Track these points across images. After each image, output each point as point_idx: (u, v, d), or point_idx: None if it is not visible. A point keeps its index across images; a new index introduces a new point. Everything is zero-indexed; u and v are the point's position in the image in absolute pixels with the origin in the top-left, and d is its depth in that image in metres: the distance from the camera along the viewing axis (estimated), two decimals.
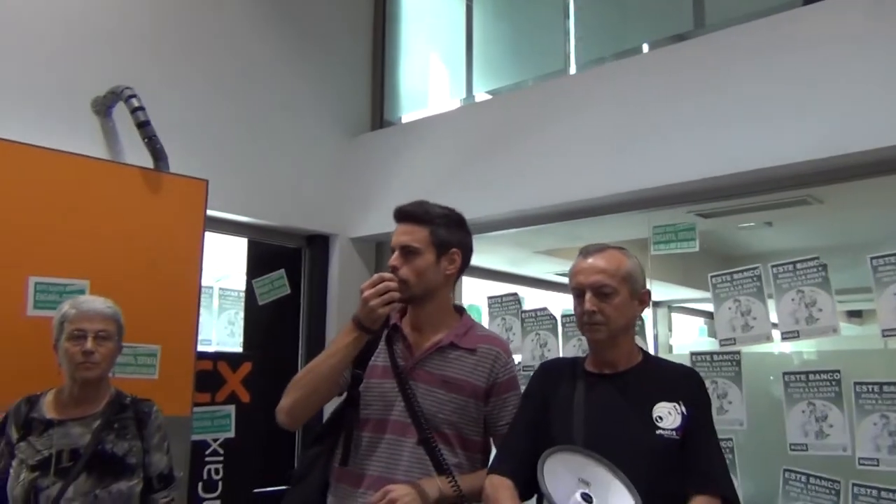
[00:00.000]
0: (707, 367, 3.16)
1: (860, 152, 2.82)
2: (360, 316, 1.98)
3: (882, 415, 2.73)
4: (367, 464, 2.05)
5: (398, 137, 4.54)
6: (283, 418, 2.06)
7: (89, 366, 2.31)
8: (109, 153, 3.52)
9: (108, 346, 2.36)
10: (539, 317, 3.72)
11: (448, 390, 2.06)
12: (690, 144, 3.24)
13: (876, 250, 2.85)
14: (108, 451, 2.31)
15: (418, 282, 2.07)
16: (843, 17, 2.94)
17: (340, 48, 4.76)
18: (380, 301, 1.95)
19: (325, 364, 2.03)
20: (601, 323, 1.91)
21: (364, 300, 1.96)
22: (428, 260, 2.09)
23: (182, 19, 3.92)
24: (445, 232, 2.12)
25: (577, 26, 4.07)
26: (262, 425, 3.72)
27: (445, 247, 2.12)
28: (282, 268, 4.36)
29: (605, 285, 1.92)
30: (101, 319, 2.37)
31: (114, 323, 2.41)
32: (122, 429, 2.36)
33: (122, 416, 2.39)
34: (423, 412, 2.03)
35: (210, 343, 4.28)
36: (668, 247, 3.39)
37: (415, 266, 2.07)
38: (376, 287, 1.97)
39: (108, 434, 2.33)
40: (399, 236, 2.10)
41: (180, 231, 3.38)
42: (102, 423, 2.34)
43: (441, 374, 2.08)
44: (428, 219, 2.11)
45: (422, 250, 2.08)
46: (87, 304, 2.40)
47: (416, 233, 2.09)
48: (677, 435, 1.81)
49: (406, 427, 2.04)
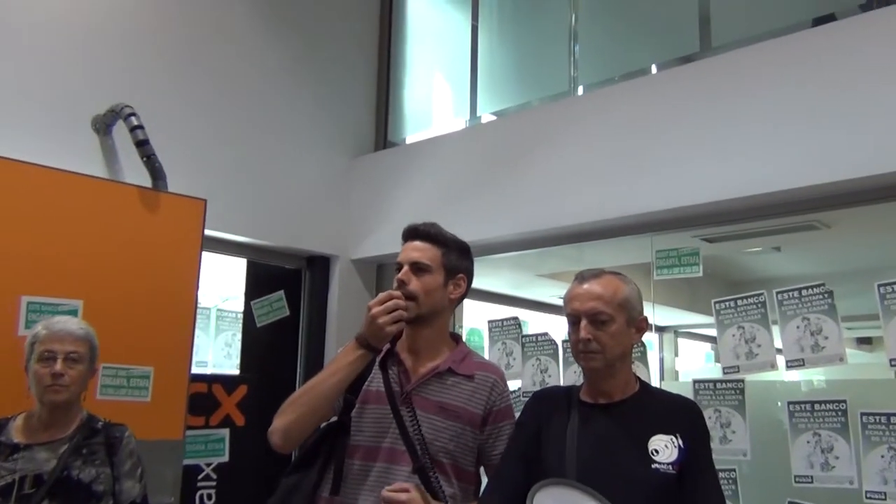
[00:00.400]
0: (710, 396, 3.09)
1: (869, 177, 2.76)
2: (367, 334, 1.93)
3: (890, 447, 2.65)
4: (358, 493, 1.98)
5: (402, 158, 4.51)
6: (277, 440, 1.97)
7: (58, 388, 2.25)
8: (108, 172, 3.50)
9: (78, 368, 2.30)
10: (540, 342, 3.66)
11: (445, 417, 2.01)
12: (696, 167, 3.19)
13: (884, 276, 2.79)
14: (74, 477, 2.23)
15: (426, 300, 2.04)
16: (852, 38, 2.90)
17: (345, 67, 4.75)
18: (389, 318, 1.91)
19: (325, 383, 1.96)
20: (597, 351, 1.85)
21: (372, 317, 1.91)
22: (437, 280, 2.07)
23: (183, 38, 3.91)
24: (456, 257, 2.12)
25: (583, 48, 4.04)
26: (257, 449, 3.65)
27: (454, 271, 2.11)
28: (281, 289, 4.33)
29: (600, 312, 1.86)
30: (73, 341, 2.31)
31: (86, 344, 2.34)
32: (90, 454, 2.29)
33: (92, 441, 2.32)
34: (419, 439, 1.97)
35: (206, 365, 4.24)
36: (670, 272, 3.33)
37: (424, 283, 2.04)
38: (385, 304, 1.92)
39: (75, 460, 2.26)
40: (410, 252, 2.08)
41: (177, 251, 3.35)
42: (70, 449, 2.27)
43: (438, 401, 2.02)
44: (442, 240, 2.11)
45: (433, 269, 2.06)
46: (58, 324, 2.34)
47: (428, 251, 2.07)
48: (673, 469, 1.74)
49: (400, 455, 1.97)
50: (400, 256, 2.09)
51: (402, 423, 1.97)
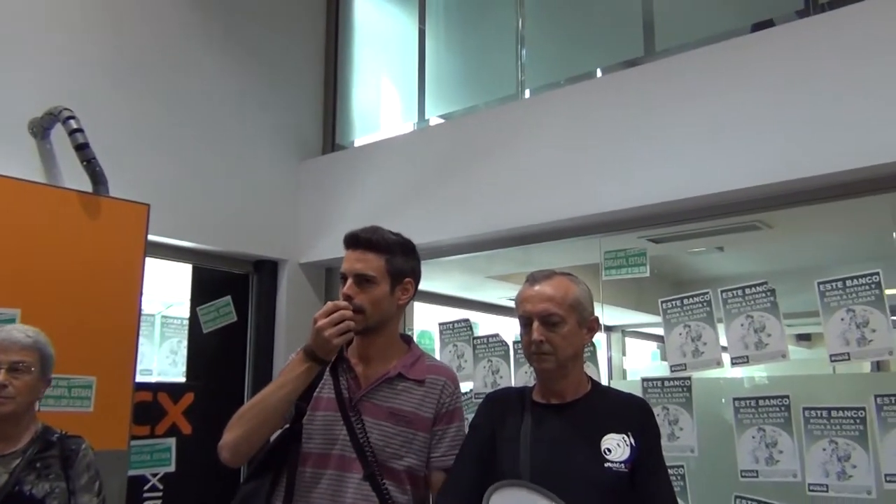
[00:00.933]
0: (658, 394, 3.14)
1: (809, 178, 2.84)
2: (314, 346, 1.89)
3: (831, 440, 2.73)
4: (310, 501, 1.95)
5: (350, 161, 4.47)
6: (227, 455, 1.92)
7: (2, 400, 2.16)
8: (46, 177, 3.39)
9: (24, 378, 2.20)
10: (491, 343, 3.67)
11: (396, 423, 1.99)
12: (641, 170, 3.24)
13: (824, 275, 2.87)
14: (27, 493, 2.14)
15: (374, 312, 2.00)
16: (789, 44, 2.98)
17: (292, 70, 4.70)
18: (335, 331, 1.87)
19: (273, 396, 1.92)
20: (549, 353, 1.86)
21: (318, 330, 1.87)
22: (383, 290, 2.02)
23: (125, 39, 3.82)
24: (401, 261, 2.07)
25: (529, 51, 4.07)
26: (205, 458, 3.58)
27: (400, 276, 2.06)
28: (228, 294, 4.27)
29: (552, 314, 1.87)
30: (18, 350, 2.21)
31: (34, 353, 2.24)
32: (44, 468, 2.20)
33: (46, 454, 2.23)
34: (370, 446, 1.94)
35: (151, 373, 4.14)
36: (619, 272, 3.38)
37: (371, 296, 2.00)
38: (331, 316, 1.88)
39: (28, 474, 2.17)
40: (353, 263, 2.02)
41: (120, 257, 3.27)
42: (22, 463, 2.18)
43: (389, 407, 2.00)
44: (384, 247, 2.04)
45: (378, 279, 2.01)
46: (3, 333, 2.24)
47: (371, 261, 2.02)
48: (626, 468, 1.76)
49: (350, 462, 1.95)
50: (343, 266, 2.04)
51: (352, 430, 1.95)
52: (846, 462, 2.67)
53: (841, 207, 3.02)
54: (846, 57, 2.83)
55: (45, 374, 2.29)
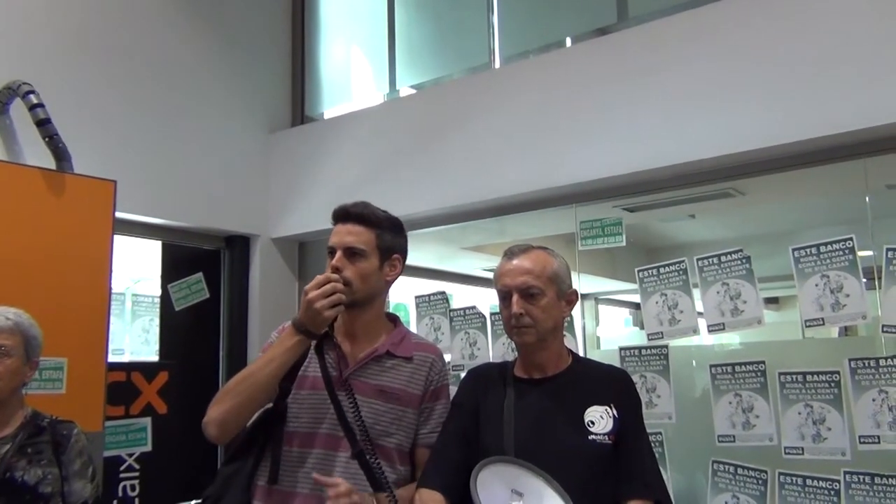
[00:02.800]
0: (636, 362, 3.16)
1: (782, 145, 2.85)
2: (304, 319, 1.87)
3: (806, 404, 2.77)
4: (297, 481, 1.94)
5: (320, 133, 4.40)
6: (213, 431, 1.89)
7: None
8: (6, 154, 3.29)
9: (6, 362, 2.15)
10: (468, 315, 3.66)
11: (386, 400, 1.98)
12: (614, 139, 3.23)
13: (795, 239, 2.89)
14: (18, 479, 2.11)
15: (362, 285, 1.99)
16: (759, 11, 2.97)
17: (258, 40, 4.59)
18: (326, 303, 1.85)
19: (262, 371, 1.89)
20: (529, 325, 1.86)
21: (309, 301, 1.85)
22: (373, 264, 2.01)
23: (85, 10, 3.69)
24: (391, 237, 2.06)
25: (501, 19, 4.01)
26: (181, 437, 3.57)
27: (389, 252, 2.05)
28: (199, 271, 4.21)
29: (531, 286, 1.87)
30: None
31: (16, 336, 2.19)
32: (35, 454, 2.17)
33: (37, 439, 2.20)
34: (360, 424, 1.93)
35: (123, 353, 4.08)
36: (594, 242, 3.37)
37: (360, 269, 1.98)
38: (322, 288, 1.86)
39: (19, 460, 2.14)
40: (343, 236, 2.00)
41: (87, 235, 3.19)
42: (13, 449, 2.14)
43: (377, 384, 1.99)
44: (375, 221, 2.03)
45: (367, 253, 2.00)
46: None
47: (362, 234, 2.00)
48: (609, 439, 1.77)
49: (338, 441, 1.94)
50: (332, 240, 2.02)
51: (339, 409, 1.93)
52: (821, 425, 2.71)
53: (813, 173, 3.03)
54: (816, 24, 2.82)
55: (30, 356, 2.24)
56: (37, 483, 2.14)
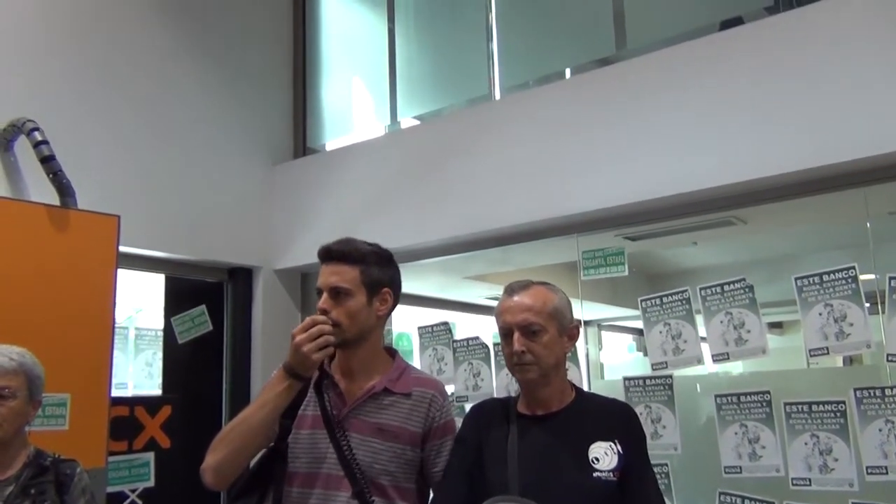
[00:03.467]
0: (640, 393, 3.15)
1: (782, 174, 2.86)
2: (293, 363, 1.86)
3: (812, 434, 2.76)
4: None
5: (322, 165, 4.43)
6: (210, 478, 1.88)
7: None
8: (11, 190, 3.31)
9: (10, 404, 2.13)
10: (471, 346, 3.66)
11: (384, 439, 1.97)
12: (616, 169, 3.24)
13: (797, 266, 2.90)
14: None
15: (351, 325, 1.96)
16: (757, 42, 2.99)
17: (260, 74, 4.63)
18: (314, 346, 1.84)
19: (255, 416, 1.88)
20: (531, 363, 1.85)
21: (296, 346, 1.84)
22: (360, 301, 1.98)
23: (89, 48, 3.73)
24: (377, 271, 2.03)
25: (501, 50, 4.05)
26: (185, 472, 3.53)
27: (377, 287, 2.03)
28: (202, 303, 4.21)
29: (532, 323, 1.86)
30: (2, 375, 2.13)
31: (20, 377, 2.17)
32: (38, 494, 2.14)
33: (40, 479, 2.17)
34: (357, 464, 1.92)
35: (126, 387, 4.07)
36: (597, 272, 3.37)
37: (347, 308, 1.96)
38: (309, 331, 1.85)
39: (23, 501, 2.12)
40: (327, 277, 1.98)
41: (91, 270, 3.20)
42: (16, 490, 2.12)
43: (376, 422, 1.98)
44: (358, 257, 2.00)
45: (353, 291, 1.97)
46: None
47: (345, 273, 1.98)
48: (614, 476, 1.76)
49: (339, 480, 1.92)
50: (319, 281, 2.01)
51: (339, 449, 1.93)
52: (828, 455, 2.70)
53: (814, 201, 3.04)
54: (815, 54, 2.85)
55: (33, 396, 2.22)
56: None
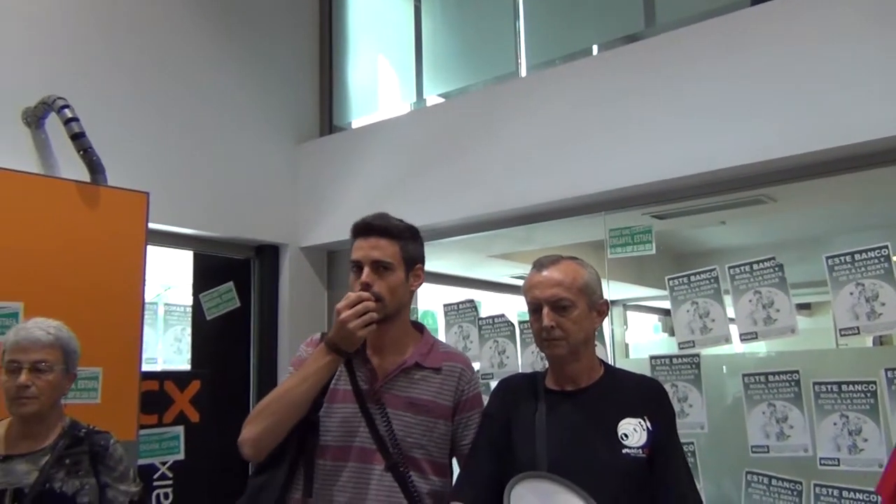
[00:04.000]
0: (667, 371, 3.13)
1: (814, 152, 2.82)
2: (337, 339, 1.87)
3: (841, 414, 2.73)
4: (331, 494, 1.94)
5: (348, 143, 4.43)
6: (249, 450, 1.90)
7: (24, 401, 2.13)
8: (43, 167, 3.35)
9: (47, 377, 2.16)
10: (496, 324, 3.66)
11: (416, 412, 1.98)
12: (644, 146, 3.21)
13: (827, 246, 2.86)
14: (57, 490, 2.13)
15: (392, 299, 1.97)
16: (790, 17, 2.94)
17: (286, 52, 4.63)
18: (360, 322, 1.85)
19: (295, 390, 1.89)
20: (560, 338, 1.83)
21: (342, 322, 1.85)
22: (399, 277, 1.99)
23: (117, 27, 3.75)
24: (412, 247, 2.05)
25: (528, 26, 4.01)
26: (214, 445, 3.60)
27: (413, 263, 2.04)
28: (230, 280, 4.25)
29: (562, 298, 1.84)
30: (39, 349, 2.16)
31: (57, 351, 2.20)
32: (73, 464, 2.18)
33: (75, 450, 2.21)
34: (391, 437, 1.93)
35: (155, 362, 4.14)
36: (624, 250, 3.36)
37: (388, 283, 1.97)
38: (355, 308, 1.85)
39: (58, 471, 2.15)
40: (369, 251, 1.97)
41: (121, 246, 3.24)
42: (51, 460, 2.15)
43: (407, 397, 1.99)
44: (397, 233, 2.01)
45: (394, 266, 1.98)
46: (23, 331, 2.19)
47: (387, 248, 1.98)
48: (643, 453, 1.74)
49: (371, 454, 1.94)
50: (357, 255, 2.00)
51: (371, 422, 1.94)
52: (857, 436, 2.67)
53: (846, 179, 2.98)
54: (848, 29, 2.79)
55: (69, 369, 2.25)
56: (74, 493, 2.15)
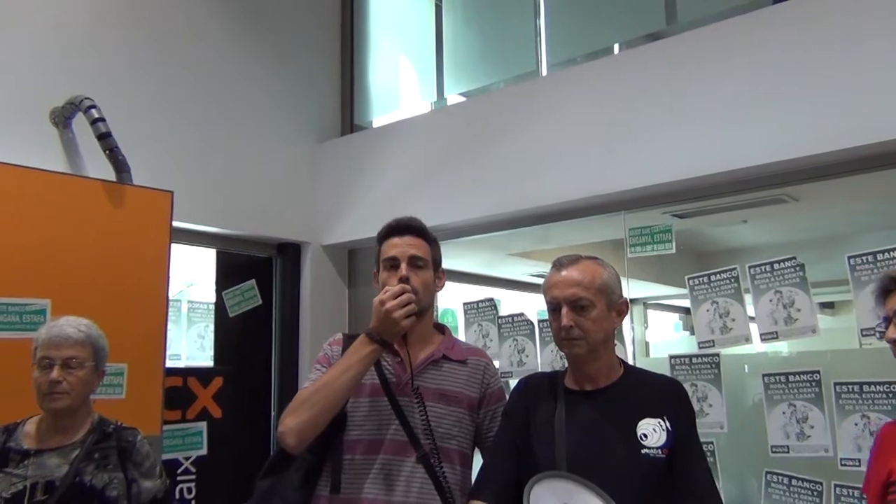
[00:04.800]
0: (686, 371, 3.13)
1: (836, 151, 2.80)
2: (380, 329, 1.93)
3: (863, 415, 2.72)
4: (361, 488, 1.98)
5: (369, 142, 4.46)
6: (292, 440, 1.90)
7: (56, 396, 2.17)
8: (70, 166, 3.40)
9: (78, 374, 2.20)
10: (516, 322, 3.67)
11: (447, 403, 2.05)
12: (664, 145, 3.21)
13: (850, 245, 2.84)
14: (87, 483, 2.17)
15: (425, 295, 2.09)
16: (811, 16, 2.92)
17: (308, 52, 4.67)
18: (404, 312, 1.92)
19: (339, 380, 1.92)
20: (579, 338, 1.84)
21: (387, 312, 1.91)
22: (430, 274, 2.13)
23: (143, 27, 3.80)
24: (437, 251, 2.19)
25: (549, 25, 4.01)
26: (236, 441, 3.65)
27: (438, 265, 2.18)
28: (252, 278, 4.29)
29: (581, 298, 1.85)
30: (71, 345, 2.21)
31: (87, 348, 2.24)
32: (102, 459, 2.23)
33: (104, 445, 2.26)
34: (425, 428, 1.99)
35: (179, 358, 4.18)
36: (644, 249, 3.35)
37: (423, 279, 2.09)
38: (399, 298, 1.93)
39: (87, 465, 2.20)
40: (406, 248, 2.09)
41: (146, 244, 3.29)
42: (81, 454, 2.20)
43: (437, 388, 2.06)
44: (429, 235, 2.17)
45: (428, 264, 2.12)
46: (55, 328, 2.24)
47: (422, 247, 2.12)
48: (663, 453, 1.75)
49: (403, 446, 1.99)
50: (394, 251, 2.09)
51: (401, 414, 1.99)
52: None
53: (869, 179, 2.96)
54: (871, 27, 2.77)
55: (98, 366, 2.30)
56: (104, 487, 2.20)
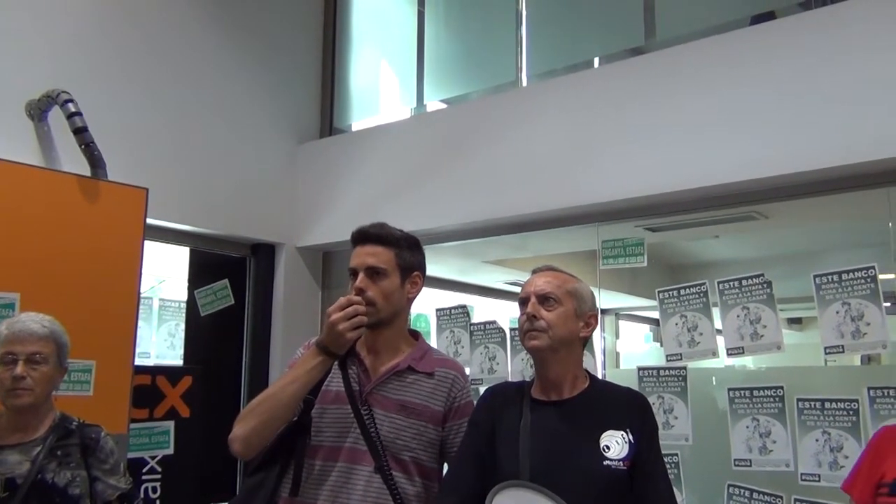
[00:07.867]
0: (654, 383, 3.17)
1: (807, 171, 2.86)
2: (327, 341, 1.91)
3: (824, 431, 2.77)
4: (319, 493, 1.97)
5: (348, 145, 4.46)
6: (238, 448, 1.93)
7: (20, 392, 2.16)
8: (44, 160, 3.37)
9: (42, 369, 2.20)
10: (488, 330, 3.70)
11: (406, 415, 2.01)
12: (639, 160, 3.25)
13: (818, 262, 2.91)
14: (49, 481, 2.16)
15: (385, 304, 2.03)
16: (788, 38, 2.98)
17: (289, 53, 4.67)
18: (349, 325, 1.89)
19: (285, 390, 1.93)
20: (542, 330, 1.86)
21: (331, 324, 1.89)
22: (394, 282, 2.05)
23: (122, 22, 3.78)
24: (409, 255, 2.10)
25: (530, 37, 4.05)
26: (203, 441, 3.63)
27: (409, 270, 2.10)
28: (225, 278, 4.27)
29: (549, 293, 1.89)
30: (35, 341, 2.20)
31: (51, 344, 2.24)
32: (65, 456, 2.22)
33: (67, 442, 2.25)
34: (380, 438, 1.97)
35: (149, 356, 4.16)
36: (616, 261, 3.40)
37: (382, 288, 2.03)
38: (345, 310, 1.90)
39: (49, 462, 2.19)
40: (364, 258, 2.05)
41: (118, 241, 3.27)
42: (44, 451, 2.19)
43: (399, 399, 2.03)
44: (393, 241, 2.08)
45: (388, 272, 2.04)
46: (18, 324, 2.23)
47: (381, 254, 2.05)
48: (624, 465, 1.78)
49: (361, 454, 1.97)
50: (353, 262, 2.07)
51: (362, 423, 1.98)
52: (838, 452, 2.72)
53: (837, 199, 3.03)
54: (846, 52, 2.83)
55: (61, 362, 2.29)
56: (66, 485, 2.19)
